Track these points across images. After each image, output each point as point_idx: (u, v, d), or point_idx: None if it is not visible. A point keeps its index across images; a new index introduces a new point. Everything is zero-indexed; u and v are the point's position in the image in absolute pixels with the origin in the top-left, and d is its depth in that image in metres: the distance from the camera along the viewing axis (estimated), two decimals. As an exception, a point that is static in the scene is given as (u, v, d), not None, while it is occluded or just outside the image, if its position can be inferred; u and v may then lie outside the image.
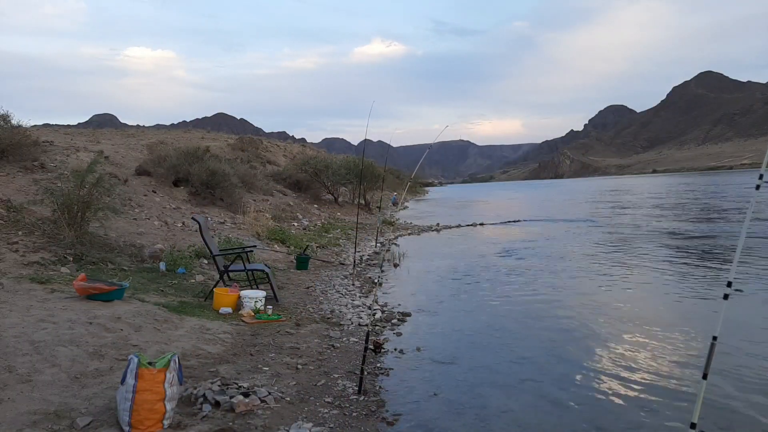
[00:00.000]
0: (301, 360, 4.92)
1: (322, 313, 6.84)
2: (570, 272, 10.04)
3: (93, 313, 5.05)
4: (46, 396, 3.47)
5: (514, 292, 8.44)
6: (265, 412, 3.69)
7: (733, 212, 20.95)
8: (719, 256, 11.27)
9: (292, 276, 9.17)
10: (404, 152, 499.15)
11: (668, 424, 3.87)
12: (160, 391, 3.26)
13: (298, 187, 21.86)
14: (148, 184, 13.26)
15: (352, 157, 25.26)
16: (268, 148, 29.89)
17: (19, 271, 6.16)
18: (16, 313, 4.78)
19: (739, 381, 4.56)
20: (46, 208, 8.17)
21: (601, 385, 4.56)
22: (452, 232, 19.06)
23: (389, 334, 6.14)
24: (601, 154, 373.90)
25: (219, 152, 19.15)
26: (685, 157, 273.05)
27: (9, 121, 11.44)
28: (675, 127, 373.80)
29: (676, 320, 6.69)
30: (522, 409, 4.15)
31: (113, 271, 7.21)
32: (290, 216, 16.61)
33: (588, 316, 6.91)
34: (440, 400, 4.31)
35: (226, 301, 6.40)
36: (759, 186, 2.85)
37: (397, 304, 7.66)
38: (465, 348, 5.69)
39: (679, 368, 4.93)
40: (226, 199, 14.30)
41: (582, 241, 14.68)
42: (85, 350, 4.24)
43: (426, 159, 9.46)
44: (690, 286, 8.48)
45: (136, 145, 18.68)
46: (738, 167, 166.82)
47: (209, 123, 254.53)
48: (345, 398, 4.13)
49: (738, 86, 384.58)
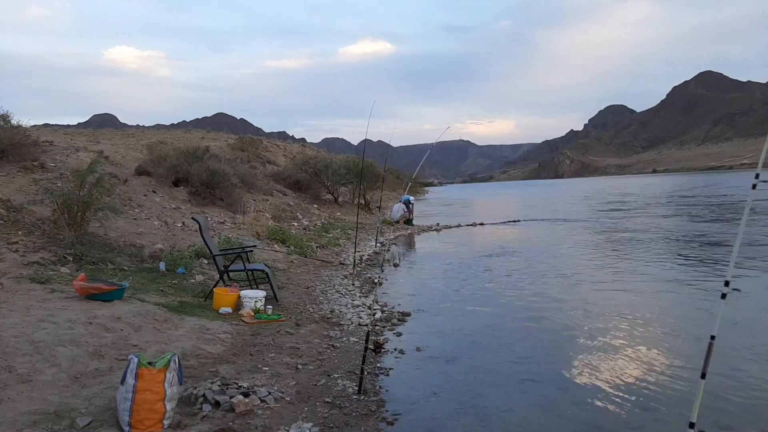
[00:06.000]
0: (301, 360, 4.92)
1: (322, 313, 6.85)
2: (569, 272, 10.05)
3: (93, 313, 5.05)
4: (46, 396, 3.47)
5: (514, 292, 8.45)
6: (265, 412, 3.70)
7: (731, 212, 20.96)
8: (717, 256, 11.28)
9: (292, 276, 9.17)
10: (404, 152, 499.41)
11: (667, 423, 3.88)
12: (160, 391, 3.27)
13: (298, 187, 21.84)
14: (148, 184, 13.26)
15: (352, 157, 25.22)
16: (268, 148, 29.87)
17: (19, 271, 6.16)
18: (16, 313, 4.79)
19: (738, 380, 4.57)
20: (46, 208, 8.17)
21: (601, 385, 4.57)
22: (452, 231, 19.06)
23: (389, 334, 6.14)
24: (601, 153, 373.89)
25: (219, 152, 19.13)
26: (685, 156, 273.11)
27: (9, 121, 11.43)
28: (675, 127, 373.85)
29: (675, 320, 6.70)
30: (522, 409, 4.16)
31: (113, 271, 7.21)
32: (290, 216, 16.62)
33: (587, 315, 6.92)
34: (440, 400, 4.31)
35: (226, 301, 6.40)
36: (755, 185, 2.86)
37: (397, 304, 7.67)
38: (465, 348, 5.70)
39: (678, 367, 4.94)
40: (226, 199, 14.30)
41: (581, 241, 14.68)
42: (85, 350, 4.25)
43: (426, 159, 9.47)
44: (688, 285, 8.49)
45: (136, 145, 18.67)
46: (738, 167, 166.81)
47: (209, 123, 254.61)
48: (345, 398, 4.14)
49: (738, 86, 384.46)
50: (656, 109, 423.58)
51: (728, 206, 24.18)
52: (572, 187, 73.61)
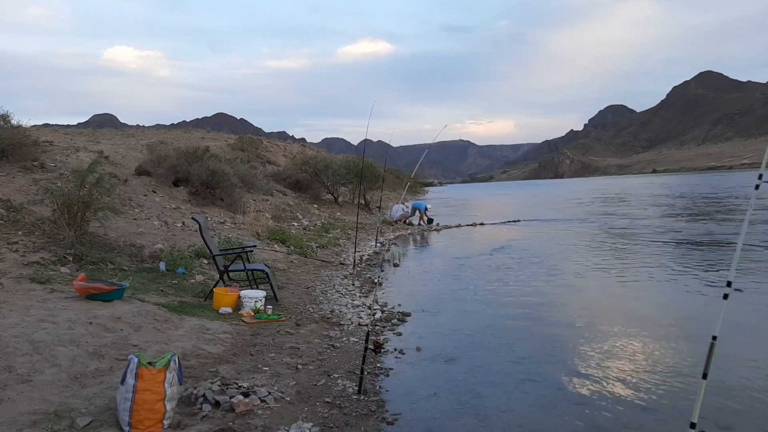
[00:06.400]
0: (301, 360, 4.92)
1: (322, 313, 6.85)
2: (569, 272, 10.04)
3: (93, 313, 5.05)
4: (46, 396, 3.47)
5: (514, 292, 8.44)
6: (265, 412, 3.69)
7: (732, 212, 20.95)
8: (719, 256, 11.27)
9: (292, 276, 9.17)
10: (404, 152, 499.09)
11: (668, 423, 3.87)
12: (160, 391, 3.26)
13: (298, 187, 21.83)
14: (148, 184, 13.25)
15: (352, 157, 25.19)
16: (268, 148, 29.85)
17: (19, 271, 6.16)
18: (16, 313, 4.78)
19: (739, 381, 4.56)
20: (46, 208, 8.17)
21: (601, 385, 4.56)
22: (452, 232, 19.05)
23: (389, 334, 6.14)
24: (601, 153, 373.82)
25: (219, 152, 19.12)
26: (685, 156, 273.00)
27: (9, 121, 11.43)
28: (675, 127, 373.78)
29: (676, 320, 6.69)
30: (522, 409, 4.15)
31: (113, 271, 7.21)
32: (290, 216, 16.61)
33: (588, 315, 6.91)
34: (440, 400, 4.31)
35: (226, 301, 6.40)
36: (758, 186, 2.85)
37: (397, 304, 7.66)
38: (465, 348, 5.69)
39: (679, 368, 4.93)
40: (226, 199, 14.29)
41: (581, 241, 14.67)
42: (85, 350, 4.25)
43: (425, 159, 9.49)
44: (689, 285, 8.48)
45: (136, 145, 18.67)
46: (738, 167, 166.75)
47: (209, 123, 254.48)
48: (345, 398, 4.14)
49: (738, 86, 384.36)
50: (656, 109, 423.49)
51: (729, 206, 24.18)
52: (572, 187, 73.62)
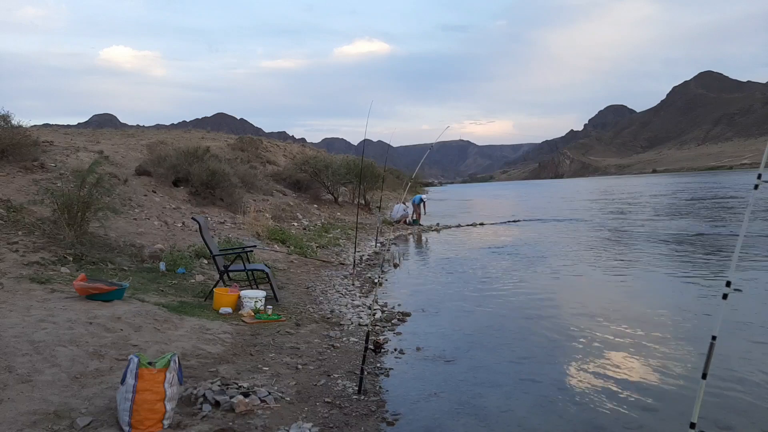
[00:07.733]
0: (301, 360, 4.92)
1: (322, 313, 6.85)
2: (569, 272, 10.05)
3: (93, 313, 5.05)
4: (46, 396, 3.47)
5: (514, 292, 8.44)
6: (265, 412, 3.69)
7: (732, 212, 20.95)
8: (718, 256, 11.28)
9: (292, 276, 9.17)
10: (404, 152, 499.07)
11: (667, 423, 3.88)
12: (160, 391, 3.27)
13: (298, 187, 21.84)
14: (148, 184, 13.25)
15: (352, 157, 25.19)
16: (268, 148, 29.84)
17: (19, 271, 6.16)
18: (16, 313, 4.78)
19: (739, 381, 4.56)
20: (46, 208, 8.17)
21: (601, 385, 4.56)
22: (452, 232, 19.06)
23: (389, 334, 6.14)
24: (601, 153, 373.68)
25: (219, 152, 19.12)
26: (685, 156, 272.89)
27: (9, 121, 11.44)
28: (675, 127, 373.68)
29: (676, 320, 6.70)
30: (522, 409, 4.15)
31: (113, 271, 7.21)
32: (290, 216, 16.61)
33: (587, 315, 6.91)
34: (440, 400, 4.31)
35: (226, 301, 6.40)
36: (757, 186, 2.85)
37: (397, 304, 7.66)
38: (465, 348, 5.70)
39: (679, 368, 4.93)
40: (226, 199, 14.29)
41: (581, 241, 14.68)
42: (85, 350, 4.25)
43: (426, 159, 9.49)
44: (689, 285, 8.48)
45: (136, 145, 18.68)
46: (738, 167, 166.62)
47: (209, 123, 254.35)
48: (345, 398, 4.14)
49: (738, 86, 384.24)
50: (656, 109, 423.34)
51: (729, 206, 24.17)
52: (572, 187, 73.60)
